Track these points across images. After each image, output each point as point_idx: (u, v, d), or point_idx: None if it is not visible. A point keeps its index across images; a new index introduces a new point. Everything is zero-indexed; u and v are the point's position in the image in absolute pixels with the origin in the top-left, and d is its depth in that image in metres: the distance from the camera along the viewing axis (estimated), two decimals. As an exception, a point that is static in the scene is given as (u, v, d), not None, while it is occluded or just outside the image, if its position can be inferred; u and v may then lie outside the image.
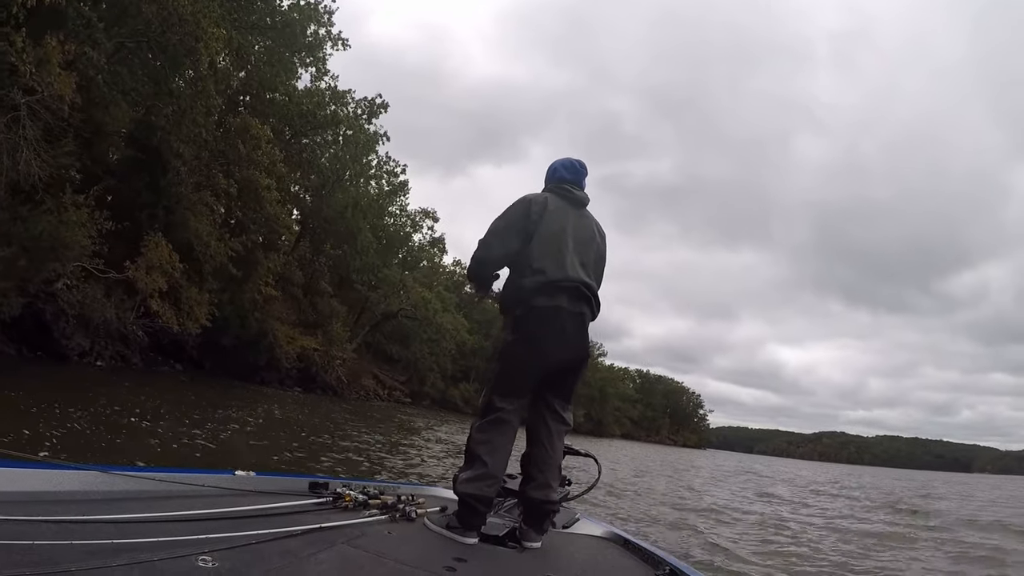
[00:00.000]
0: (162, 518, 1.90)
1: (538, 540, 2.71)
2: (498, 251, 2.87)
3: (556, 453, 2.90)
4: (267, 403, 17.71)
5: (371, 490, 2.84)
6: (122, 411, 10.40)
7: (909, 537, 10.60)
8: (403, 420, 26.02)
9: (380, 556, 2.03)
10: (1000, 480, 74.93)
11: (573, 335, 2.82)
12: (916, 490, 27.69)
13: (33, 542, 1.45)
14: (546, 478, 2.80)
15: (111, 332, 18.05)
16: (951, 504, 19.12)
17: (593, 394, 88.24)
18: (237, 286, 25.37)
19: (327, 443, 12.25)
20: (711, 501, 13.72)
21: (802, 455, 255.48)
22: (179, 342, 21.96)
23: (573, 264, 2.82)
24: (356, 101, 34.93)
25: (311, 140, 32.68)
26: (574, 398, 3.08)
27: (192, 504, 2.12)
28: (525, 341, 2.76)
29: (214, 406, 14.52)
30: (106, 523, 1.74)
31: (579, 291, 2.82)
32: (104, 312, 17.15)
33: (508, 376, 2.79)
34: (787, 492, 19.98)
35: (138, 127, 19.96)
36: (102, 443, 7.64)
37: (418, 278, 45.29)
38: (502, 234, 2.87)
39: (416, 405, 43.79)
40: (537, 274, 2.75)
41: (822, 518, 12.76)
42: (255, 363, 27.89)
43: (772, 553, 8.07)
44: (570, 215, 2.96)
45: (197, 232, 20.70)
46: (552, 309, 2.74)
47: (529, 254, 2.80)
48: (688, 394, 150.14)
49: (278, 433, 12.42)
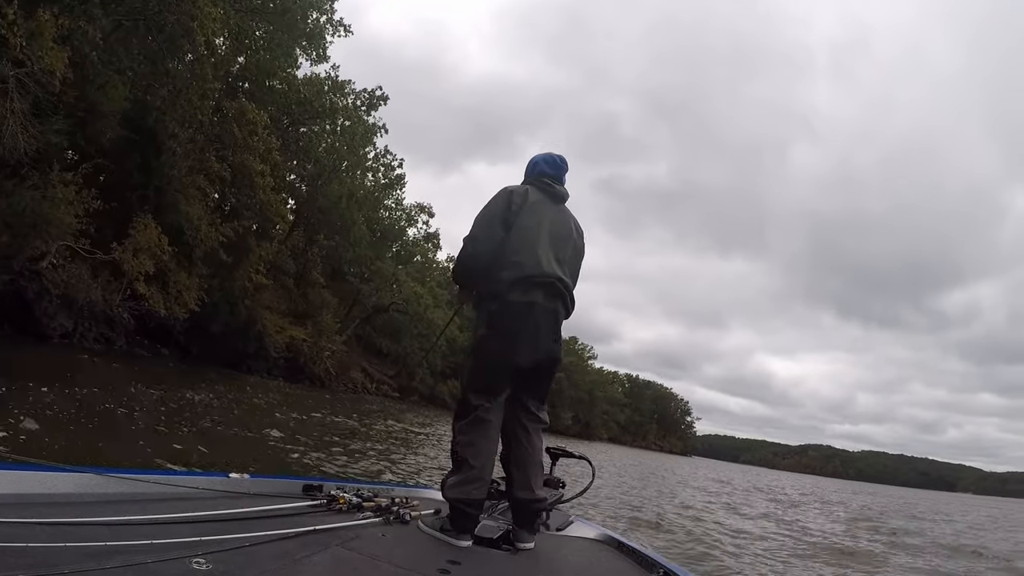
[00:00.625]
0: (156, 520, 1.90)
1: (531, 540, 2.70)
2: (486, 243, 2.82)
3: (536, 451, 2.87)
4: (235, 392, 17.22)
5: (365, 492, 2.88)
6: (96, 394, 10.15)
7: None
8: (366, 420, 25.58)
9: (374, 559, 2.04)
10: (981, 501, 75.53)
11: (546, 332, 2.79)
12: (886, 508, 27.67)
13: (28, 544, 1.46)
14: (528, 477, 2.78)
15: (96, 314, 17.67)
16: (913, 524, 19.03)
17: (582, 396, 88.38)
18: (228, 272, 25.11)
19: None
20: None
21: (787, 467, 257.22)
22: (166, 327, 21.61)
23: (549, 259, 2.80)
24: (356, 92, 34.73)
25: (308, 129, 32.50)
26: (549, 397, 3.03)
27: (186, 506, 2.13)
28: (498, 336, 2.74)
29: (183, 390, 14.18)
30: (100, 525, 1.75)
31: (554, 287, 2.80)
32: (89, 293, 16.78)
33: (481, 372, 2.77)
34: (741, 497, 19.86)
35: (134, 107, 19.58)
36: (63, 424, 7.41)
37: (411, 273, 45.07)
38: (487, 225, 2.83)
39: (404, 400, 43.53)
40: (514, 267, 2.73)
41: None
42: (243, 351, 27.59)
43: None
44: (549, 209, 2.93)
45: (188, 216, 20.31)
46: (526, 305, 2.72)
47: (506, 246, 2.78)
48: (676, 400, 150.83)
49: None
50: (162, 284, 19.53)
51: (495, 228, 2.81)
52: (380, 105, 35.60)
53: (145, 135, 19.43)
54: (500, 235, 2.79)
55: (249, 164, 22.32)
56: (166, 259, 18.74)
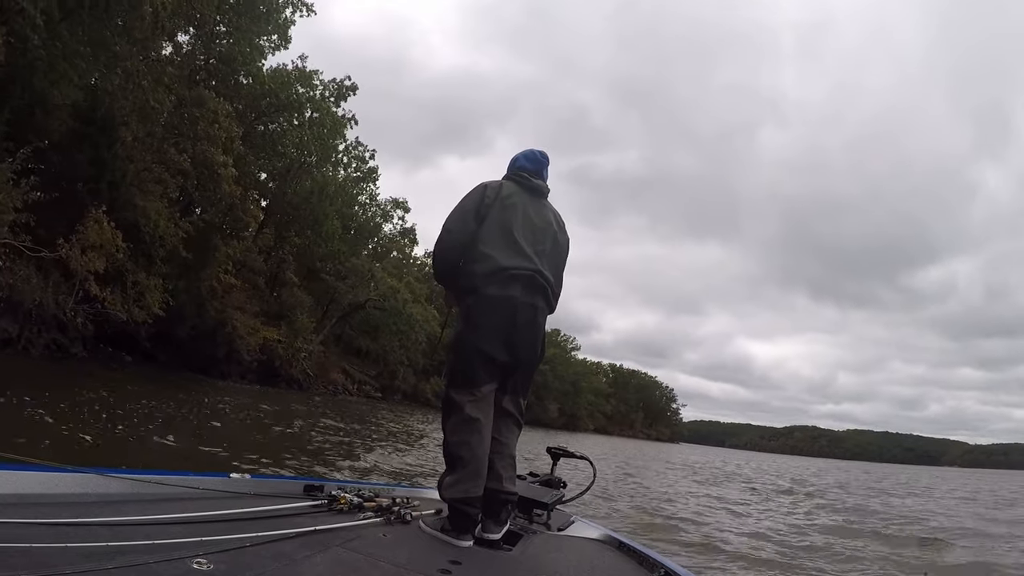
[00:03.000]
0: (157, 521, 1.87)
1: (497, 532, 2.64)
2: (459, 235, 2.78)
3: (506, 445, 2.80)
4: (191, 404, 15.88)
5: (366, 492, 2.84)
6: (27, 402, 9.03)
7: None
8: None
9: (375, 559, 2.00)
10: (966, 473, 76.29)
11: (524, 327, 2.73)
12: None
13: (29, 545, 1.44)
14: (497, 468, 2.71)
15: (46, 318, 16.31)
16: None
17: (566, 388, 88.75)
18: (194, 273, 23.90)
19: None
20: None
21: (774, 449, 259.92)
22: (130, 332, 20.37)
23: (525, 252, 2.75)
24: (324, 83, 33.60)
25: (277, 123, 31.41)
26: (534, 389, 2.78)
27: (187, 507, 2.09)
28: (475, 330, 2.69)
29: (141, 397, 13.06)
30: (101, 526, 1.72)
31: (534, 280, 2.74)
32: (36, 295, 15.43)
33: (460, 367, 2.71)
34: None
35: (86, 95, 18.24)
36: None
37: (388, 268, 44.02)
38: (460, 219, 2.80)
39: (387, 400, 42.79)
40: (487, 259, 2.70)
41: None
42: (213, 355, 26.35)
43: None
44: (525, 202, 2.89)
45: (145, 211, 18.96)
46: (504, 299, 2.68)
47: (478, 238, 2.76)
48: (661, 388, 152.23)
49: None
50: (122, 285, 18.18)
51: (468, 221, 2.78)
52: (349, 96, 34.31)
53: (96, 125, 17.98)
54: (473, 227, 2.77)
55: (211, 155, 21.04)
56: (121, 257, 17.36)
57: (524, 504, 3.22)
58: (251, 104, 29.01)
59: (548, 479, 3.68)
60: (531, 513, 3.26)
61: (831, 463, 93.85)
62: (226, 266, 25.86)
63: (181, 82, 22.12)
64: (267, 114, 30.35)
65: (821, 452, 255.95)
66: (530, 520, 3.21)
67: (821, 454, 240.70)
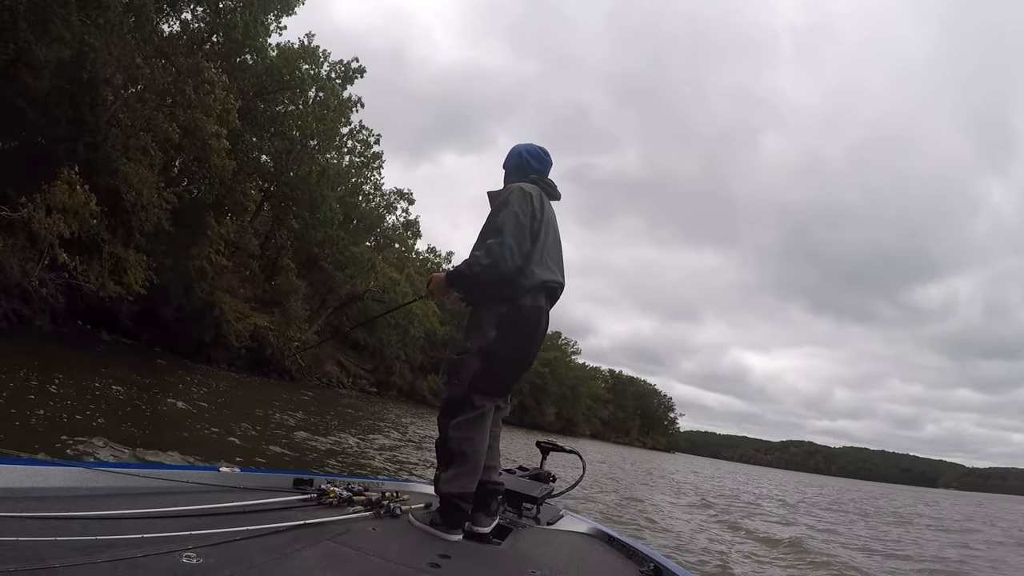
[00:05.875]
0: (147, 514, 1.84)
1: (488, 525, 2.64)
2: (519, 254, 2.66)
3: (497, 436, 2.83)
4: (175, 382, 14.41)
5: (355, 486, 2.79)
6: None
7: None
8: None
9: (365, 552, 2.00)
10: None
11: (542, 334, 2.81)
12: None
13: (17, 538, 1.41)
14: (488, 460, 2.71)
15: (9, 286, 14.88)
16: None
17: (565, 392, 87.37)
18: (183, 251, 22.58)
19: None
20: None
21: (769, 463, 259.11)
22: (109, 309, 18.98)
23: (555, 265, 2.81)
24: (331, 64, 32.41)
25: (280, 103, 30.13)
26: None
27: (177, 500, 2.06)
28: (512, 339, 2.67)
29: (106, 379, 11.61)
30: (91, 519, 1.71)
31: (557, 292, 2.83)
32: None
33: (492, 375, 2.67)
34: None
35: (73, 53, 16.74)
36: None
37: (389, 260, 42.59)
38: (521, 235, 2.69)
39: (382, 396, 41.49)
40: (532, 275, 2.69)
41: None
42: (200, 339, 24.97)
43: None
44: (553, 213, 2.92)
45: (127, 178, 17.46)
46: (536, 309, 2.72)
47: (529, 254, 2.73)
48: (659, 397, 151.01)
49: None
50: (97, 257, 16.75)
51: (525, 239, 2.70)
52: (356, 78, 33.13)
53: (79, 84, 16.56)
54: (528, 248, 2.71)
55: (202, 124, 19.59)
56: (96, 223, 15.89)
57: (513, 498, 3.17)
58: (253, 81, 27.70)
59: (537, 473, 3.66)
60: (520, 507, 3.18)
61: (840, 481, 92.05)
62: (218, 246, 24.58)
63: (179, 50, 20.82)
64: (269, 91, 29.02)
65: (816, 468, 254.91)
66: (519, 514, 3.14)
67: (816, 470, 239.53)
